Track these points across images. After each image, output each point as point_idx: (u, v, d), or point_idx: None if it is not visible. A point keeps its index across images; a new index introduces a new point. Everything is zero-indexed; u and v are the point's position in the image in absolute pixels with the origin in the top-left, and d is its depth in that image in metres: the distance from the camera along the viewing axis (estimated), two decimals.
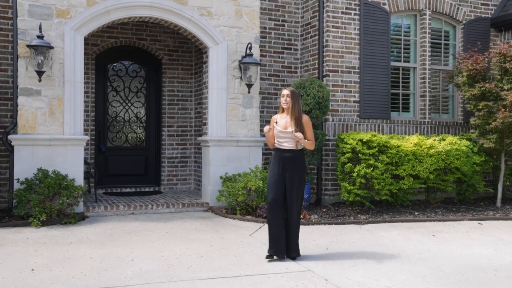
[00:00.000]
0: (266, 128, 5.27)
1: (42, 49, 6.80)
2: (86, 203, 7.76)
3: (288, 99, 5.17)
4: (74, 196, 6.91)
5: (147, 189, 9.53)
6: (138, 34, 9.41)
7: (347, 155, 7.89)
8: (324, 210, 8.11)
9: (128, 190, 9.40)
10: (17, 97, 7.03)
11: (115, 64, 9.54)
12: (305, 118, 5.20)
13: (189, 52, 9.83)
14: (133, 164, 9.62)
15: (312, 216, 7.57)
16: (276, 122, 5.27)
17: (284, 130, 5.17)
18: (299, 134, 5.04)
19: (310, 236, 6.36)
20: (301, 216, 7.43)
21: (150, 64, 9.74)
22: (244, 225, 6.96)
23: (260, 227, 6.86)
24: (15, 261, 4.97)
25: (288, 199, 5.19)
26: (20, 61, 7.00)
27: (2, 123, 7.56)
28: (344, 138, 8.14)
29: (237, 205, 7.57)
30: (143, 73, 9.74)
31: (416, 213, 7.90)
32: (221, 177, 7.92)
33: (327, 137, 8.66)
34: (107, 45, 9.22)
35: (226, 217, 7.50)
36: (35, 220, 6.49)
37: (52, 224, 6.66)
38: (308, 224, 7.12)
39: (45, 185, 6.69)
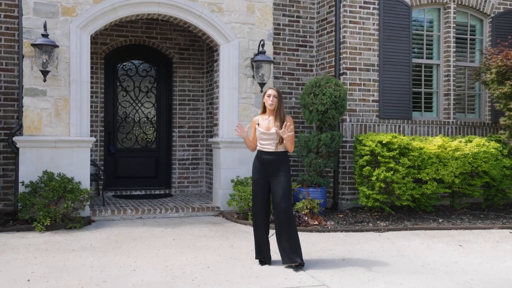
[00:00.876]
0: (239, 131, 5.05)
1: (46, 48, 6.55)
2: (93, 206, 7.50)
3: (275, 99, 4.96)
4: (79, 200, 6.65)
5: (157, 192, 9.24)
6: (148, 32, 9.13)
7: (366, 157, 7.47)
8: (341, 216, 7.71)
9: (138, 192, 9.13)
10: (22, 97, 6.79)
11: (124, 63, 9.28)
12: (289, 119, 5.00)
13: (201, 50, 9.52)
14: (143, 166, 9.35)
15: (328, 223, 7.18)
16: (258, 124, 5.05)
17: (266, 132, 4.94)
18: (280, 131, 4.80)
19: (325, 245, 5.98)
20: (317, 222, 7.06)
21: (161, 63, 9.45)
22: None
23: (273, 234, 6.47)
24: (12, 270, 4.70)
25: (274, 203, 4.94)
26: (25, 61, 6.76)
27: (9, 124, 7.34)
28: (362, 139, 7.73)
29: (249, 210, 7.22)
30: (154, 72, 9.45)
31: (440, 220, 7.44)
32: (232, 180, 7.58)
33: (344, 139, 8.26)
34: (116, 44, 8.96)
35: (237, 222, 7.16)
36: (39, 224, 6.24)
37: (56, 229, 6.41)
38: (324, 231, 6.74)
39: (49, 189, 6.44)
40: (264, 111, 5.11)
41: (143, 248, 5.62)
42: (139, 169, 9.29)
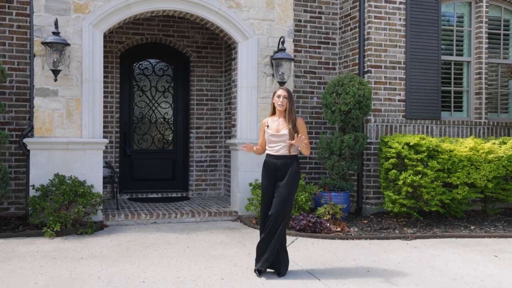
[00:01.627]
0: (244, 146, 4.75)
1: (57, 46, 6.31)
2: (106, 210, 7.25)
3: (285, 100, 4.70)
4: (91, 204, 6.40)
5: (174, 195, 8.96)
6: (165, 30, 8.86)
7: (392, 160, 7.04)
8: (365, 221, 7.29)
9: (154, 195, 8.86)
10: (33, 98, 6.57)
11: (141, 62, 9.02)
12: (300, 121, 4.73)
13: (219, 48, 9.20)
14: (160, 168, 9.08)
15: (351, 229, 6.79)
16: (268, 126, 4.79)
17: (276, 134, 4.69)
18: (293, 141, 4.53)
19: (349, 254, 5.59)
20: (339, 229, 6.67)
21: (178, 62, 9.17)
22: None
23: (293, 241, 6.14)
24: (15, 280, 4.45)
25: (272, 206, 4.68)
26: (36, 60, 6.54)
27: (20, 125, 7.14)
28: (388, 141, 7.31)
29: None
30: (170, 71, 9.18)
31: (472, 227, 6.96)
32: (250, 184, 7.24)
33: (368, 140, 7.84)
34: (132, 42, 8.71)
35: (255, 228, 6.82)
36: (48, 230, 6.00)
37: (67, 235, 6.16)
38: (347, 239, 6.35)
39: (60, 192, 6.21)
40: (274, 112, 4.85)
41: (155, 256, 5.32)
42: (156, 171, 9.03)
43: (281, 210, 4.63)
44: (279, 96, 4.72)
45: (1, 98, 7.00)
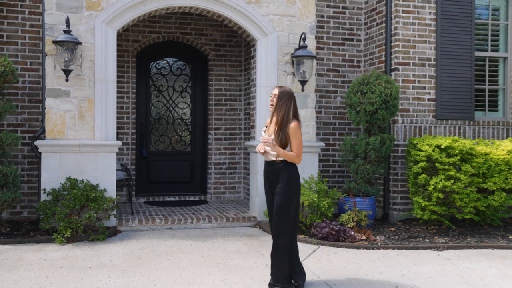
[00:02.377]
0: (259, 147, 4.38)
1: (68, 45, 6.06)
2: (121, 215, 6.99)
3: (275, 100, 4.31)
4: (103, 209, 6.13)
5: (191, 198, 8.66)
6: (182, 28, 8.56)
7: (421, 164, 6.59)
8: (393, 229, 6.85)
9: (171, 199, 8.58)
10: (45, 99, 6.34)
11: (158, 62, 8.75)
12: (293, 125, 4.23)
13: (238, 46, 8.86)
14: (177, 170, 8.79)
15: (377, 238, 6.36)
16: (266, 127, 4.46)
17: (263, 136, 4.32)
18: (268, 138, 4.19)
19: (375, 266, 5.18)
20: (364, 237, 6.26)
21: (196, 61, 8.87)
22: None
23: (314, 251, 5.76)
24: None
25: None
26: (48, 59, 6.30)
27: (33, 127, 6.93)
28: (417, 143, 6.85)
29: None
30: (188, 70, 8.88)
31: (510, 237, 6.45)
32: None
33: (395, 142, 7.39)
34: (148, 41, 8.44)
35: None
36: (59, 236, 5.75)
37: (78, 241, 5.91)
38: (373, 248, 5.93)
39: (71, 197, 5.95)
40: None
41: (166, 266, 5.01)
42: (173, 174, 8.75)
43: (277, 221, 4.29)
44: (271, 95, 4.39)
45: (13, 99, 6.81)
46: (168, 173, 8.71)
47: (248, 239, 6.26)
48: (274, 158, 4.30)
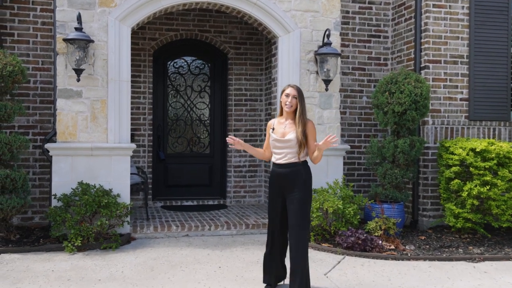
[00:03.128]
0: (231, 138, 4.29)
1: (80, 43, 5.79)
2: (135, 221, 6.71)
3: (294, 100, 4.14)
4: (116, 216, 5.84)
5: (210, 203, 8.34)
6: (201, 25, 8.23)
7: (454, 168, 6.14)
8: (423, 237, 6.40)
9: (189, 203, 8.26)
10: (56, 99, 6.08)
11: (175, 60, 8.44)
12: (310, 125, 4.17)
13: (259, 44, 8.50)
14: (196, 173, 8.48)
15: (407, 247, 5.93)
16: (273, 129, 4.25)
17: (281, 139, 4.14)
18: (325, 142, 3.97)
19: (406, 280, 4.77)
20: (393, 246, 5.84)
21: (215, 59, 8.54)
22: (318, 257, 5.51)
23: (339, 262, 5.38)
24: None
25: (289, 225, 4.13)
26: (59, 58, 6.04)
27: (45, 129, 6.69)
28: (449, 146, 6.39)
29: (311, 229, 6.13)
30: (207, 69, 8.56)
31: None
32: None
33: (425, 145, 6.94)
34: (166, 39, 8.14)
35: None
36: (69, 244, 5.48)
37: (89, 249, 5.63)
38: (402, 259, 5.51)
39: (82, 203, 5.68)
40: (282, 113, 4.28)
41: (180, 279, 4.68)
42: (191, 177, 8.43)
43: (299, 232, 4.02)
44: (287, 95, 4.14)
45: (25, 100, 6.57)
46: (186, 176, 8.41)
47: None
48: (294, 160, 4.10)
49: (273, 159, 4.24)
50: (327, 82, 6.63)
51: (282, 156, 4.14)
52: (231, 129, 8.39)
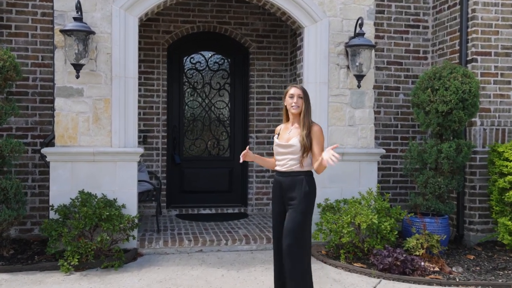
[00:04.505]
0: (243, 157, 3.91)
1: (78, 34, 5.14)
2: (144, 234, 6.04)
3: (300, 100, 3.78)
4: (120, 230, 5.17)
5: (230, 211, 7.62)
6: (220, 17, 7.52)
7: (509, 178, 5.26)
8: (472, 257, 5.54)
9: (207, 211, 7.56)
10: (55, 99, 5.46)
11: (192, 55, 7.74)
12: (317, 128, 3.74)
13: (283, 37, 7.73)
14: (215, 179, 7.76)
15: (454, 269, 5.08)
16: (278, 134, 3.92)
17: (283, 144, 3.78)
18: (329, 150, 3.43)
19: None
20: (437, 268, 5.01)
21: (235, 54, 7.80)
22: (349, 281, 4.72)
23: (374, 287, 4.57)
24: None
25: (282, 243, 3.71)
26: (57, 53, 5.42)
27: (45, 131, 6.08)
28: (503, 151, 5.51)
29: (341, 246, 5.35)
30: (227, 65, 7.83)
31: None
32: (319, 205, 5.71)
33: (473, 149, 6.05)
34: (181, 32, 7.45)
35: (325, 262, 5.31)
36: (65, 263, 4.84)
37: (89, 268, 4.98)
38: (450, 285, 4.68)
39: (81, 216, 5.03)
40: (288, 118, 3.91)
41: None
42: (210, 183, 7.73)
43: (291, 245, 3.60)
44: (292, 96, 3.80)
45: (23, 99, 5.97)
46: (204, 182, 7.71)
47: None
48: (297, 168, 3.72)
49: (276, 167, 3.87)
50: (359, 77, 5.82)
51: (284, 163, 3.78)
52: (252, 130, 7.65)
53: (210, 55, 7.79)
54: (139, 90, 7.26)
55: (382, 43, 6.88)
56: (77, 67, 5.22)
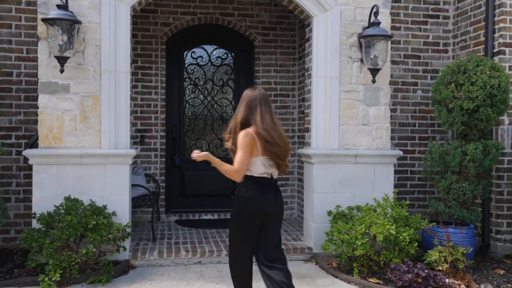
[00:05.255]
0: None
1: (62, 24, 4.63)
2: (138, 244, 5.53)
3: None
4: (109, 240, 4.67)
5: None
6: (222, 7, 7.00)
7: None
8: (501, 272, 4.96)
9: (209, 217, 7.05)
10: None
11: (193, 50, 7.23)
12: (240, 134, 3.39)
13: (291, 29, 7.20)
14: (217, 181, 7.19)
15: (482, 286, 4.51)
16: None
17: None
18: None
19: None
20: (463, 286, 4.45)
21: (240, 48, 7.28)
22: None
23: None
24: None
25: None
26: (41, 45, 4.92)
27: (30, 131, 5.60)
28: None
29: (355, 259, 4.79)
30: (230, 60, 7.31)
31: None
32: (329, 213, 5.16)
33: (502, 151, 5.46)
34: (181, 24, 6.94)
35: (336, 276, 4.77)
36: (46, 279, 4.33)
37: (73, 283, 4.48)
38: None
39: (64, 225, 4.53)
40: None
41: None
42: (212, 186, 7.20)
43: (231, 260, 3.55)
44: None
45: (6, 96, 5.50)
46: (206, 185, 7.19)
47: (300, 281, 4.59)
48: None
49: None
50: (374, 71, 5.26)
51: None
52: None
53: (212, 49, 7.27)
54: (136, 86, 6.78)
55: (398, 34, 6.32)
56: (62, 60, 4.71)
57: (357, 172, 5.39)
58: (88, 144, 4.97)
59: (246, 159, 3.39)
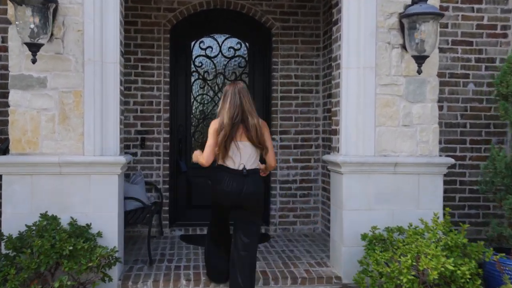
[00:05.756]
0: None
1: (33, 3, 3.74)
2: (132, 267, 4.62)
3: None
4: (90, 268, 3.77)
5: None
6: None
7: None
8: None
9: None
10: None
11: (202, 39, 6.31)
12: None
13: (315, 14, 6.22)
14: None
15: None
16: None
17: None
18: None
19: None
20: None
21: (255, 37, 6.35)
22: None
23: None
24: None
25: None
26: (12, 30, 4.07)
27: (5, 133, 4.74)
28: None
29: None
30: (244, 50, 6.37)
31: None
32: (364, 236, 4.16)
33: None
34: (187, 9, 6.03)
35: None
36: None
37: None
38: None
39: (34, 252, 3.66)
40: None
41: None
42: None
43: None
44: None
45: None
46: None
47: None
48: None
49: None
50: (420, 59, 4.24)
51: None
52: (276, 130, 6.16)
53: (223, 38, 6.34)
54: (136, 81, 5.91)
55: (445, 16, 5.28)
56: (34, 47, 3.83)
57: (397, 185, 4.39)
58: (69, 150, 4.09)
59: (209, 147, 4.01)
